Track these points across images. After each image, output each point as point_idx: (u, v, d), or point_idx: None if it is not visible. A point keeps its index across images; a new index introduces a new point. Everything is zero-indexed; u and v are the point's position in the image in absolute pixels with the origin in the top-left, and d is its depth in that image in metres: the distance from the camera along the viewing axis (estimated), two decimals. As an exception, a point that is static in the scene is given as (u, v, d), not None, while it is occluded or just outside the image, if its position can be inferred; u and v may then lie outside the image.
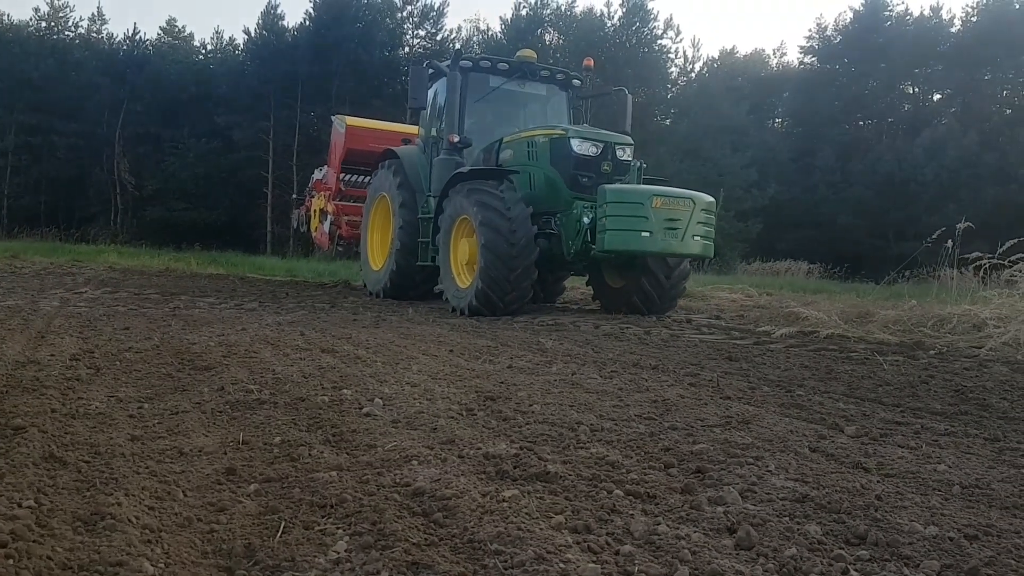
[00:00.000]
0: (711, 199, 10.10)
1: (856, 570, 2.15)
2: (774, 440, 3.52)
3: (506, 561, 2.11)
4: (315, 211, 15.52)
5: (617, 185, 9.87)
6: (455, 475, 2.84)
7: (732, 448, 3.34)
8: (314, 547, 2.21)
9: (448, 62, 11.40)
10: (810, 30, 53.26)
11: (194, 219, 40.38)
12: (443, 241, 10.59)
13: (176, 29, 50.53)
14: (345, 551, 2.18)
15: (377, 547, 2.21)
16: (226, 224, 41.06)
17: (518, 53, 11.97)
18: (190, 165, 41.75)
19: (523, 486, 2.77)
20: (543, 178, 10.33)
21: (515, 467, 2.98)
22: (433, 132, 11.73)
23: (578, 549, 2.22)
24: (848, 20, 45.25)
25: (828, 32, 46.69)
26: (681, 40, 66.04)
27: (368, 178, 13.64)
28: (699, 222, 9.71)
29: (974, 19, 42.04)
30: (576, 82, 12.09)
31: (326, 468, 2.91)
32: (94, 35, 48.59)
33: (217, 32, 71.64)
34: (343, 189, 14.67)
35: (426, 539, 2.27)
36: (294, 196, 20.28)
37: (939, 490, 2.89)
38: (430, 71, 11.72)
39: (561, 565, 2.08)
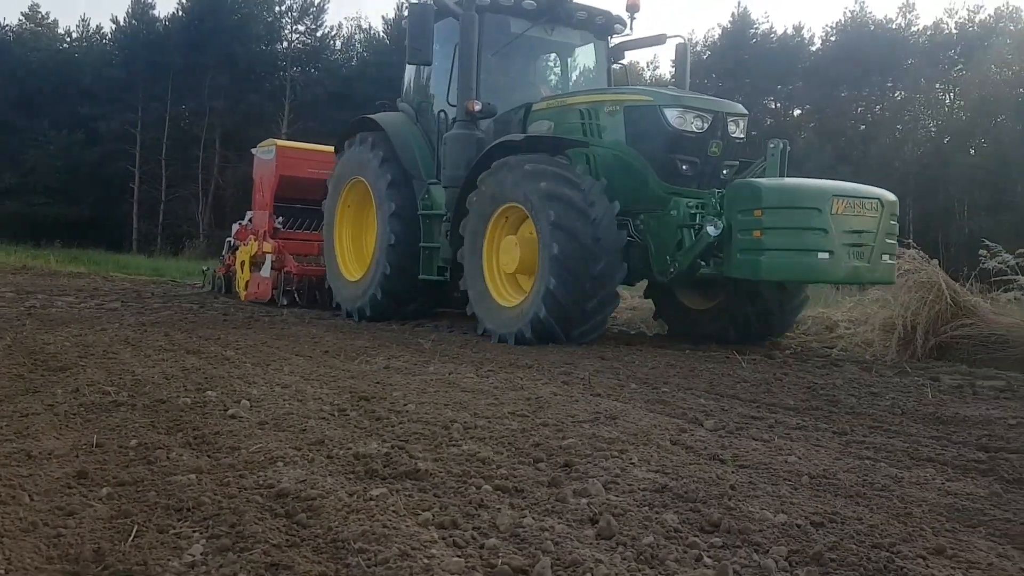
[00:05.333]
0: (895, 198, 7.08)
1: (709, 556, 2.24)
2: (638, 434, 3.64)
3: (369, 559, 2.09)
4: (239, 264, 11.98)
5: (776, 180, 6.96)
6: (322, 475, 2.80)
7: (599, 442, 3.43)
8: (168, 551, 2.13)
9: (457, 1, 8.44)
10: (682, 44, 55.26)
11: (55, 214, 38.20)
12: (472, 238, 7.73)
13: (39, 16, 47.63)
14: (201, 554, 2.12)
15: (235, 549, 2.15)
16: (89, 220, 39.01)
17: None
18: (51, 157, 39.50)
19: (392, 484, 2.76)
20: (616, 163, 7.52)
21: (385, 466, 2.96)
22: (449, 101, 8.70)
23: (443, 544, 2.23)
24: (716, 36, 47.21)
25: (698, 48, 48.50)
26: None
27: (314, 223, 11.29)
28: (887, 233, 6.89)
29: (832, 39, 44.53)
30: (619, 26, 9.34)
31: (184, 471, 2.81)
32: (-54, 19, 45.24)
33: (83, 20, 68.49)
34: (280, 229, 11.62)
35: (287, 540, 2.23)
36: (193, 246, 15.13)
37: (789, 480, 3.05)
38: (434, 9, 8.56)
39: (425, 560, 2.08)
